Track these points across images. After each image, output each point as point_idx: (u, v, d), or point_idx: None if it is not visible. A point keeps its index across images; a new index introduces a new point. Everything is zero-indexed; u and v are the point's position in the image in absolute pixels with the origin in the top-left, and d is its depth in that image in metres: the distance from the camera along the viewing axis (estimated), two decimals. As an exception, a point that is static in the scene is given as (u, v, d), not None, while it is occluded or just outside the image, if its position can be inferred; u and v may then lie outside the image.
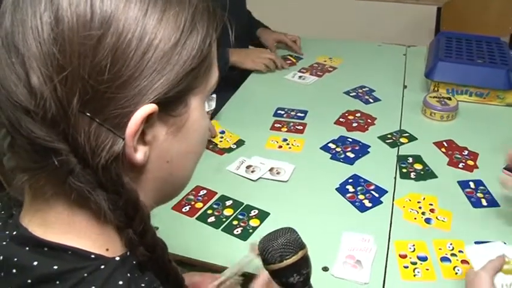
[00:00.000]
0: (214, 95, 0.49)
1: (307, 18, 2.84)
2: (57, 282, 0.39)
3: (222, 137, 1.35)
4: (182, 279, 0.49)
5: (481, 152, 1.28)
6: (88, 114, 0.37)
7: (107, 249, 0.43)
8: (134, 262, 0.44)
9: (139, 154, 0.41)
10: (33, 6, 0.37)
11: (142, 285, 0.42)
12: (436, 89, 1.53)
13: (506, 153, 1.24)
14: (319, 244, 0.88)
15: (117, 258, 0.42)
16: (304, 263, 0.64)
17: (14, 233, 0.43)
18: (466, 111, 1.47)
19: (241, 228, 1.02)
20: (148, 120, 0.40)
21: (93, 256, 0.41)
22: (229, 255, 0.96)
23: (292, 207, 1.09)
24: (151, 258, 0.44)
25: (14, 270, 0.40)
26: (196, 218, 1.05)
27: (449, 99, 1.45)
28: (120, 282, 0.40)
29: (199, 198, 1.11)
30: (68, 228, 0.42)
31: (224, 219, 1.04)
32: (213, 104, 0.49)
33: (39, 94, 0.36)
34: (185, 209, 1.08)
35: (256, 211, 1.07)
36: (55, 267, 0.40)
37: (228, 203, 1.09)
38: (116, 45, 0.37)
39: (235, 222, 1.04)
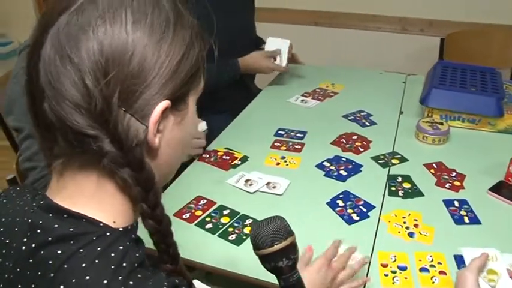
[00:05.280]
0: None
1: (315, 47, 2.96)
2: (71, 242, 0.50)
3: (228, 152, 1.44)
4: (178, 254, 0.59)
5: (469, 174, 1.34)
6: (123, 108, 0.50)
7: (114, 222, 0.54)
8: (133, 236, 0.55)
9: (157, 139, 0.54)
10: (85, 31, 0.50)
11: (137, 255, 0.53)
12: (430, 114, 1.61)
13: (494, 175, 1.31)
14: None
15: (120, 229, 0.54)
16: (292, 249, 0.70)
17: (41, 202, 0.55)
18: (459, 136, 1.55)
19: (236, 234, 1.10)
20: (164, 113, 0.53)
21: (101, 224, 0.52)
22: (224, 258, 1.05)
23: (284, 217, 1.17)
24: (158, 230, 0.55)
25: (39, 231, 0.52)
26: (195, 224, 1.14)
27: (441, 124, 1.53)
28: (120, 247, 0.51)
29: (200, 206, 1.21)
30: (87, 202, 0.53)
31: (221, 226, 1.13)
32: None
33: (90, 93, 0.49)
34: (185, 216, 1.17)
35: (251, 220, 1.15)
36: (71, 229, 0.51)
37: (226, 212, 1.18)
38: (142, 59, 0.50)
39: (230, 229, 1.12)
